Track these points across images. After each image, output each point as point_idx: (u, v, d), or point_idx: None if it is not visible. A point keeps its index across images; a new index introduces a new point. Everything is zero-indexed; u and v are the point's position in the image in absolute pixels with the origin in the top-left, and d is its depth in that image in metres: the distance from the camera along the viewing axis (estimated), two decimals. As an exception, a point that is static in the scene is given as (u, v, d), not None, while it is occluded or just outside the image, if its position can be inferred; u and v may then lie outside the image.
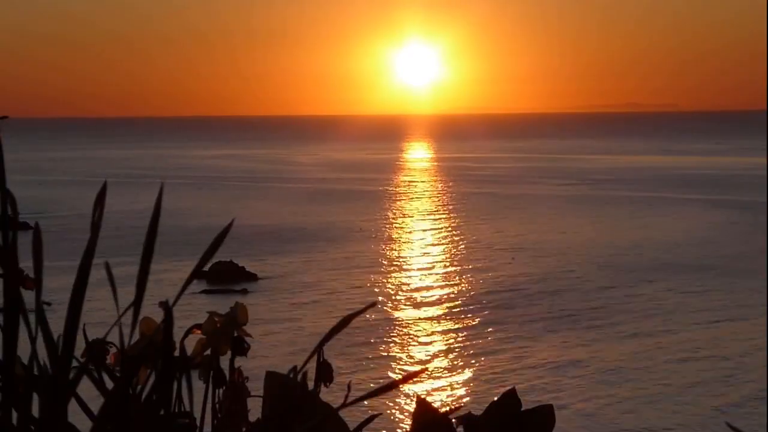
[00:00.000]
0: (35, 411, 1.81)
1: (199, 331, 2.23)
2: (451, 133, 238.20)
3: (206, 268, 31.54)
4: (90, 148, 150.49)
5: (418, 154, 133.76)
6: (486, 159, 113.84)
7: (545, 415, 2.54)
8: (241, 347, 2.23)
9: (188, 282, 1.87)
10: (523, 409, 2.53)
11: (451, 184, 79.22)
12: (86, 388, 1.90)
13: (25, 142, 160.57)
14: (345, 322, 1.87)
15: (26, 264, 1.90)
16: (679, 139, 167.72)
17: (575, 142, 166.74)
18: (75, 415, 1.89)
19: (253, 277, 34.32)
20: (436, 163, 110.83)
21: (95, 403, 1.88)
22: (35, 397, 1.81)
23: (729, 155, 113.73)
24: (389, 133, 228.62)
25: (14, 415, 1.81)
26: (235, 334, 2.24)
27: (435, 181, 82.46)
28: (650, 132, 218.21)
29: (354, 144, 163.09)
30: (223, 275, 33.29)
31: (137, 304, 1.84)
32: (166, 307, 1.81)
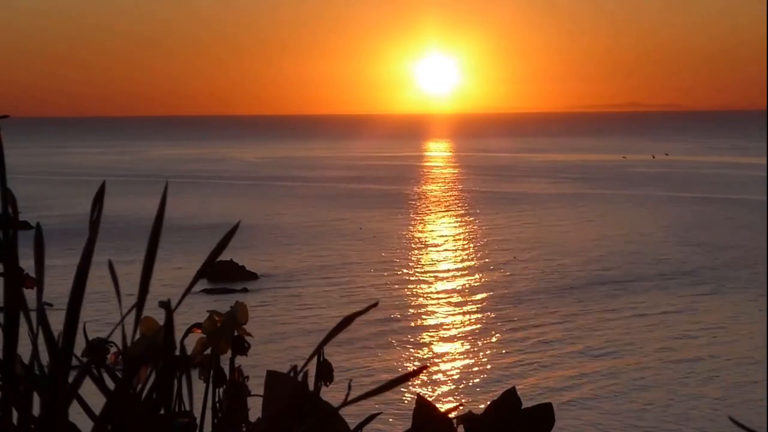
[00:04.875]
0: (36, 410, 1.81)
1: (199, 331, 2.23)
2: (463, 131, 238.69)
3: (206, 268, 31.41)
4: (90, 148, 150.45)
5: (426, 153, 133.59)
6: (490, 158, 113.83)
7: (545, 413, 2.55)
8: (241, 346, 2.23)
9: (193, 283, 1.87)
10: (523, 407, 2.54)
11: (454, 182, 79.21)
12: (87, 388, 1.90)
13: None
14: (346, 321, 1.87)
15: (24, 263, 1.90)
16: (683, 139, 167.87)
17: (579, 141, 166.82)
18: (76, 414, 1.89)
19: (253, 276, 34.31)
20: (440, 162, 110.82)
21: (96, 402, 1.88)
22: (36, 396, 1.81)
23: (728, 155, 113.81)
24: (404, 132, 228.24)
25: (15, 414, 1.81)
26: (236, 333, 2.24)
27: (439, 180, 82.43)
28: (651, 131, 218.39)
29: (368, 142, 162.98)
30: (223, 274, 33.28)
31: (140, 304, 1.84)
32: (168, 308, 1.81)
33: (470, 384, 22.44)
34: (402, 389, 19.79)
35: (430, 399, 2.54)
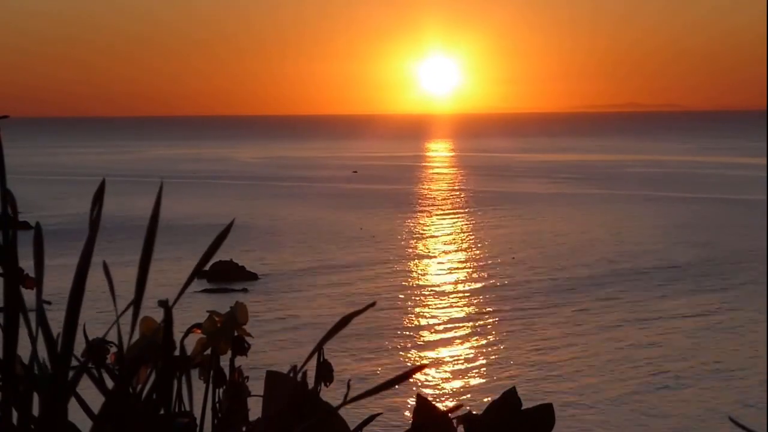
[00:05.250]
0: (35, 410, 1.80)
1: (199, 331, 2.23)
2: (464, 131, 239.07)
3: (206, 268, 31.64)
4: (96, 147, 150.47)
5: (426, 153, 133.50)
6: (490, 158, 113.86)
7: (545, 414, 2.54)
8: (241, 347, 2.23)
9: (189, 281, 1.87)
10: (523, 408, 2.53)
11: (454, 182, 79.21)
12: (87, 388, 1.90)
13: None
14: (345, 321, 1.87)
15: (24, 263, 1.90)
16: (683, 139, 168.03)
17: (579, 141, 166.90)
18: (75, 414, 1.89)
19: (253, 277, 34.30)
20: (440, 162, 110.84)
21: (95, 402, 1.88)
22: (35, 396, 1.81)
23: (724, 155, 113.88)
24: (406, 132, 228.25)
25: (15, 414, 1.81)
26: (236, 334, 2.23)
27: (439, 180, 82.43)
28: (652, 131, 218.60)
29: (369, 143, 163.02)
30: (223, 274, 33.28)
31: (137, 303, 1.84)
32: (166, 307, 1.80)
33: (470, 384, 22.44)
34: (402, 389, 19.79)
35: (430, 399, 2.54)
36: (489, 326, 27.74)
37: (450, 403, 19.96)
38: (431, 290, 33.03)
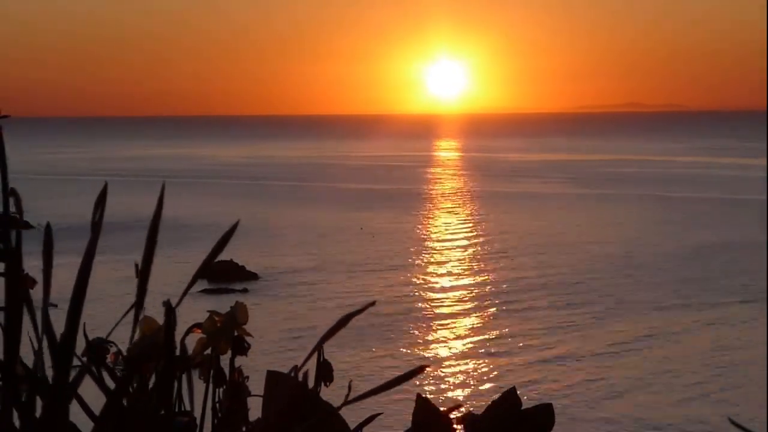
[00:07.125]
0: (35, 410, 1.81)
1: (199, 331, 2.23)
2: (467, 131, 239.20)
3: (207, 267, 31.44)
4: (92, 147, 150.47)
5: (428, 153, 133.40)
6: (491, 158, 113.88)
7: (545, 413, 2.55)
8: (241, 346, 2.23)
9: (192, 283, 1.87)
10: (523, 408, 2.54)
11: (453, 182, 79.22)
12: (87, 387, 1.90)
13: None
14: (344, 321, 1.88)
15: (24, 262, 1.90)
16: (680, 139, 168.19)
17: (579, 141, 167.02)
18: (76, 414, 1.89)
19: (253, 276, 34.27)
20: (442, 162, 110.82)
21: (97, 402, 1.88)
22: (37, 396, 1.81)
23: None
24: (410, 132, 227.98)
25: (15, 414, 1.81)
26: (236, 334, 2.24)
27: (440, 180, 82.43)
28: (654, 130, 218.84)
29: (371, 143, 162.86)
30: (223, 274, 33.24)
31: (139, 303, 1.84)
32: (168, 307, 1.81)
33: (470, 384, 22.44)
34: (402, 389, 19.79)
35: (430, 399, 2.54)
36: (488, 326, 27.74)
37: (450, 403, 19.97)
38: (430, 290, 33.02)
